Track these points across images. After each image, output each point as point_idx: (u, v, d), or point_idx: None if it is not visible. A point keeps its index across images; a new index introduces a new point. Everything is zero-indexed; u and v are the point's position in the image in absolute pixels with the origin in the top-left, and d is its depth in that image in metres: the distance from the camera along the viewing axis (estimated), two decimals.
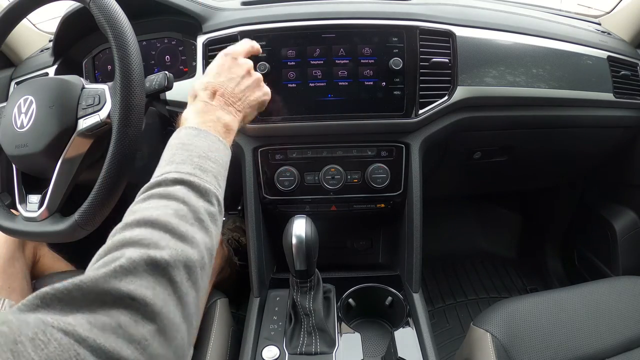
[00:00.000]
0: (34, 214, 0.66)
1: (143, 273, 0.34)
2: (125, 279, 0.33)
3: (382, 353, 0.73)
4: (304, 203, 0.87)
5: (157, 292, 0.34)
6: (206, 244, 0.42)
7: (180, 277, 0.37)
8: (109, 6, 0.59)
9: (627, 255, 1.14)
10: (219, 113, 0.55)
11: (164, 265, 0.36)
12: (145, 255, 0.35)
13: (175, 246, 0.38)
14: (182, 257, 0.38)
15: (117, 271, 0.33)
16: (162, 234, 0.39)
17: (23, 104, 0.66)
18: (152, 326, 0.33)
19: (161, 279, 0.35)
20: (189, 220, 0.42)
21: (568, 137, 1.02)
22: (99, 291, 0.32)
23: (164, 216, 0.40)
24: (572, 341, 0.71)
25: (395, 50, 0.78)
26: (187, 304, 0.37)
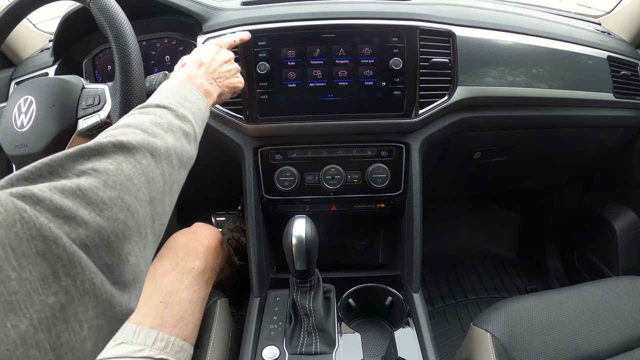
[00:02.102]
0: None
1: (110, 152, 0.36)
2: (92, 157, 0.35)
3: (382, 353, 0.73)
4: (304, 203, 0.87)
5: (121, 168, 0.35)
6: (175, 147, 0.44)
7: (146, 161, 0.38)
8: (109, 6, 0.59)
9: (627, 255, 1.14)
10: (202, 80, 0.61)
11: (130, 147, 0.37)
12: (113, 139, 0.37)
13: (143, 137, 0.40)
14: (148, 144, 0.40)
15: (84, 151, 0.35)
16: (134, 130, 0.41)
17: (23, 104, 0.66)
18: (113, 193, 0.33)
19: (128, 158, 0.37)
20: (162, 127, 0.44)
21: (568, 137, 1.02)
22: (66, 167, 0.33)
23: (140, 121, 0.43)
24: (572, 341, 0.71)
25: (395, 50, 0.78)
26: (153, 187, 0.38)
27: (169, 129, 0.45)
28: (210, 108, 0.60)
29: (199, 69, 0.61)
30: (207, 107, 0.59)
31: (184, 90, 0.55)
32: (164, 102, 0.50)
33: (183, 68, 0.62)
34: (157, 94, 0.53)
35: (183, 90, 0.55)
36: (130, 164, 0.36)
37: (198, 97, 0.56)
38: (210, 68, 0.63)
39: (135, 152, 0.38)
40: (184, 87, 0.56)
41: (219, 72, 0.64)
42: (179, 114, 0.49)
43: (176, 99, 0.52)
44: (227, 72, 0.66)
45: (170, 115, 0.48)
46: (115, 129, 0.41)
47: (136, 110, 0.48)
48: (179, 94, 0.53)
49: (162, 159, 0.41)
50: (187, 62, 0.63)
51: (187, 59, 0.63)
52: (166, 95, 0.52)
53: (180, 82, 0.57)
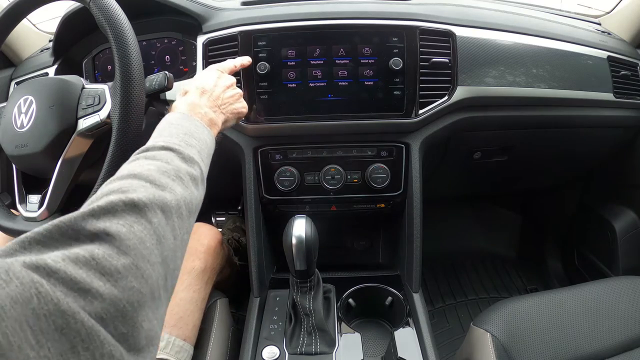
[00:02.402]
0: (34, 214, 0.66)
1: (121, 212, 0.35)
2: (102, 217, 0.34)
3: (382, 353, 0.73)
4: (304, 203, 0.87)
5: (133, 230, 0.35)
6: (184, 197, 0.43)
7: (157, 219, 0.38)
8: (109, 6, 0.59)
9: (627, 255, 1.14)
10: (206, 109, 0.60)
11: (141, 205, 0.37)
12: (124, 197, 0.36)
13: (153, 192, 0.40)
14: (158, 200, 0.39)
15: (95, 210, 0.34)
16: (142, 183, 0.40)
17: (23, 104, 0.66)
18: (127, 260, 0.33)
19: (139, 218, 0.36)
20: (170, 175, 0.44)
21: (568, 137, 1.02)
22: (77, 228, 0.32)
23: (147, 171, 0.42)
24: (572, 341, 0.71)
25: (395, 50, 0.78)
26: (165, 246, 0.38)
27: (176, 176, 0.44)
28: (215, 138, 0.59)
29: (201, 97, 0.60)
30: (213, 139, 0.58)
31: (188, 125, 0.54)
32: (168, 142, 0.49)
33: (185, 97, 0.60)
34: (161, 130, 0.52)
35: (187, 124, 0.54)
36: (142, 225, 0.36)
37: (203, 130, 0.55)
38: (214, 95, 0.62)
39: (147, 210, 0.37)
40: (188, 120, 0.55)
41: (222, 98, 0.63)
42: (185, 155, 0.48)
43: (181, 137, 0.51)
44: (230, 97, 0.65)
45: (176, 158, 0.47)
46: (122, 180, 0.41)
47: (141, 154, 0.47)
48: (184, 130, 0.52)
49: (173, 214, 0.40)
50: (189, 89, 0.62)
51: (188, 87, 0.62)
52: (170, 132, 0.51)
53: (184, 116, 0.55)
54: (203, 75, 0.65)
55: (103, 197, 0.37)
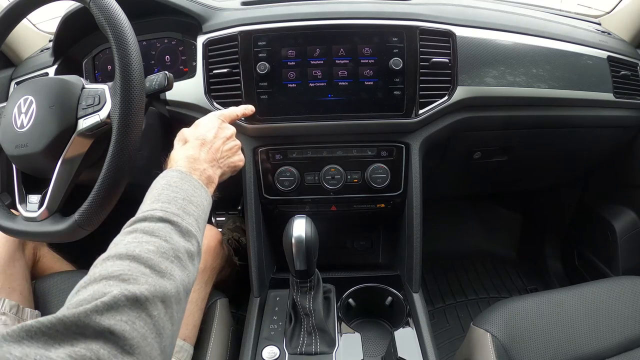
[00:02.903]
0: (34, 214, 0.66)
1: (123, 308, 0.36)
2: (106, 313, 0.35)
3: (382, 353, 0.73)
4: (304, 203, 0.87)
5: (136, 327, 0.36)
6: (183, 281, 0.44)
7: (157, 312, 0.39)
8: (109, 6, 0.59)
9: (627, 255, 1.14)
10: (204, 165, 0.59)
11: (143, 300, 0.37)
12: (126, 291, 0.37)
13: (153, 282, 0.40)
14: (159, 292, 0.39)
15: (99, 306, 0.35)
16: (143, 269, 0.41)
17: (23, 104, 0.66)
18: (131, 359, 0.34)
19: (141, 313, 0.37)
20: (169, 257, 0.44)
21: (568, 137, 1.02)
22: (81, 325, 0.33)
23: (146, 252, 0.42)
24: (572, 341, 0.71)
25: (395, 50, 0.78)
26: (164, 337, 0.39)
27: (175, 256, 0.44)
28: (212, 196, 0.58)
29: (201, 150, 0.60)
30: (210, 200, 0.57)
31: (187, 188, 0.53)
32: (167, 212, 0.48)
33: (184, 148, 0.60)
34: (159, 193, 0.51)
35: (187, 187, 0.53)
36: (143, 321, 0.37)
37: (201, 193, 0.55)
38: (213, 147, 0.61)
39: (148, 305, 0.38)
40: (187, 182, 0.54)
41: (222, 151, 0.63)
42: (183, 229, 0.48)
43: (179, 204, 0.50)
44: (229, 150, 0.65)
45: (174, 233, 0.46)
46: (121, 261, 0.41)
47: (139, 224, 0.46)
48: (182, 195, 0.51)
49: (172, 303, 0.41)
50: (188, 139, 0.61)
51: (188, 135, 0.62)
52: (169, 197, 0.50)
53: (182, 176, 0.54)
54: (203, 125, 0.64)
55: (102, 280, 0.38)
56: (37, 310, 0.80)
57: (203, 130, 0.63)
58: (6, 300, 0.76)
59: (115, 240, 0.45)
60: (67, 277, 0.86)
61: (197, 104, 0.82)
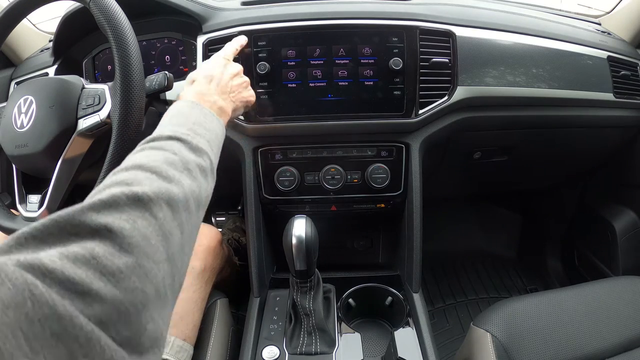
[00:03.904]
0: (34, 214, 0.66)
1: (124, 207, 0.33)
2: (103, 211, 0.32)
3: (382, 353, 0.73)
4: (304, 203, 0.87)
5: (137, 225, 0.33)
6: (193, 190, 0.41)
7: (163, 214, 0.36)
8: (109, 6, 0.59)
9: (627, 255, 1.14)
10: (215, 97, 0.58)
11: (146, 200, 0.35)
12: (127, 190, 0.34)
13: (158, 184, 0.37)
14: (164, 194, 0.37)
15: (96, 204, 0.32)
16: (148, 175, 0.38)
17: (23, 104, 0.66)
18: (130, 258, 0.31)
19: (143, 213, 0.34)
20: (177, 167, 0.42)
21: (568, 137, 1.02)
22: (75, 223, 0.30)
23: (153, 162, 0.40)
24: (572, 341, 0.71)
25: (395, 50, 0.78)
26: (171, 242, 0.36)
27: (184, 167, 0.42)
28: (225, 127, 0.57)
29: (210, 85, 0.59)
30: (223, 128, 0.56)
31: (197, 114, 0.52)
32: (176, 132, 0.46)
33: (193, 85, 0.59)
34: (168, 119, 0.50)
35: (196, 113, 0.52)
36: (147, 221, 0.34)
37: (212, 120, 0.53)
38: (222, 82, 0.60)
39: (152, 205, 0.35)
40: (196, 109, 0.52)
41: (231, 86, 0.62)
42: (193, 145, 0.46)
43: (189, 126, 0.49)
44: (239, 85, 0.64)
45: (184, 149, 0.45)
46: (127, 171, 0.39)
47: (147, 144, 0.45)
48: (192, 120, 0.50)
49: (180, 208, 0.38)
50: (196, 78, 0.60)
51: (196, 75, 0.60)
52: (178, 121, 0.49)
53: (192, 104, 0.53)
54: (209, 63, 0.63)
55: (106, 189, 0.35)
56: None
57: (209, 67, 0.62)
58: None
59: (124, 160, 0.43)
60: None
61: None
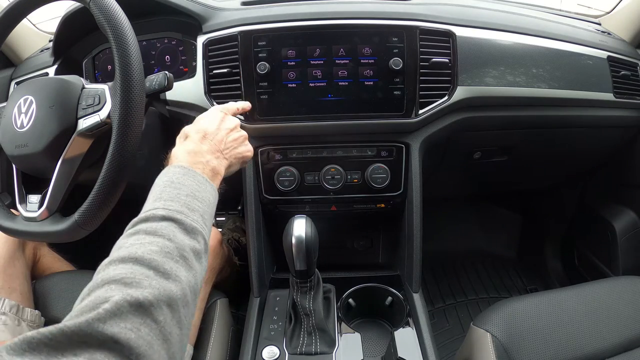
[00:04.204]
0: (34, 214, 0.66)
1: (127, 314, 0.34)
2: (109, 321, 0.33)
3: (382, 353, 0.73)
4: (304, 203, 0.87)
5: (141, 334, 0.34)
6: (189, 282, 0.42)
7: (163, 317, 0.37)
8: (109, 6, 0.59)
9: (627, 255, 1.14)
10: (208, 157, 0.57)
11: (147, 305, 0.36)
12: (129, 297, 0.35)
13: (158, 285, 0.38)
14: (164, 296, 0.37)
15: (101, 314, 0.33)
16: (146, 271, 0.39)
17: (23, 104, 0.66)
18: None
19: (145, 319, 0.35)
20: (173, 257, 0.42)
21: (568, 137, 1.02)
22: (82, 335, 0.31)
23: (149, 253, 0.40)
24: (572, 341, 0.71)
25: (395, 50, 0.78)
26: (172, 342, 0.37)
27: (180, 256, 0.42)
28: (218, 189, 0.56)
29: (203, 143, 0.58)
30: (216, 194, 0.55)
31: (190, 183, 0.51)
32: (169, 210, 0.46)
33: (185, 143, 0.58)
34: (161, 191, 0.49)
35: (189, 183, 0.51)
36: (149, 327, 0.35)
37: (205, 187, 0.52)
38: (216, 139, 0.59)
39: (152, 310, 0.36)
40: (189, 177, 0.51)
41: (225, 142, 0.61)
42: (188, 227, 0.45)
43: (182, 200, 0.48)
44: (234, 141, 0.62)
45: (178, 232, 0.44)
46: (124, 264, 0.39)
47: (141, 225, 0.44)
48: (186, 191, 0.49)
49: (179, 306, 0.39)
50: (189, 134, 0.59)
51: (189, 130, 0.60)
52: (171, 195, 0.48)
53: (184, 171, 0.52)
54: (205, 118, 0.62)
55: (104, 285, 0.36)
56: (37, 310, 0.80)
57: (204, 123, 0.61)
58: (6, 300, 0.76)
59: (117, 244, 0.43)
60: (67, 277, 0.86)
61: (197, 104, 0.82)
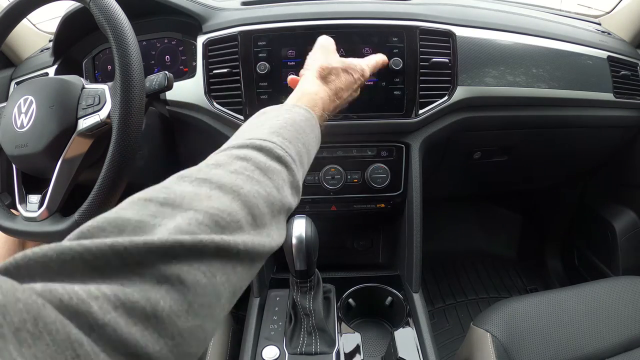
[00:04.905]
0: (34, 214, 0.66)
1: (209, 258, 0.29)
2: (183, 259, 0.27)
3: (382, 353, 0.73)
4: (304, 203, 0.87)
5: (214, 281, 0.29)
6: (278, 243, 0.39)
7: (241, 269, 0.32)
8: (109, 6, 0.59)
9: (627, 255, 1.14)
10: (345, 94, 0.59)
11: (234, 253, 0.31)
12: (219, 239, 0.30)
13: (252, 238, 0.34)
14: (253, 251, 0.33)
15: (177, 251, 0.27)
16: (245, 215, 0.34)
17: (23, 104, 0.66)
18: (196, 322, 0.27)
19: (225, 266, 0.30)
20: (274, 211, 0.38)
21: (568, 137, 1.02)
22: (143, 262, 0.25)
23: (255, 196, 0.35)
24: (572, 341, 0.71)
25: (395, 50, 0.78)
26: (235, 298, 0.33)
27: (279, 211, 0.38)
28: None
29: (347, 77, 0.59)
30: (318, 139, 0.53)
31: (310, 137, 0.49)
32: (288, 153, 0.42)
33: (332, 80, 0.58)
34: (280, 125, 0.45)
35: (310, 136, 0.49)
36: (226, 276, 0.30)
37: (316, 145, 0.51)
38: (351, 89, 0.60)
39: (237, 259, 0.31)
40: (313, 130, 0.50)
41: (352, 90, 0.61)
42: (295, 183, 0.42)
43: (300, 149, 0.45)
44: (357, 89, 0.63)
45: (287, 185, 0.40)
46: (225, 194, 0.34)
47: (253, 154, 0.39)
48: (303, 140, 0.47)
49: (258, 264, 0.36)
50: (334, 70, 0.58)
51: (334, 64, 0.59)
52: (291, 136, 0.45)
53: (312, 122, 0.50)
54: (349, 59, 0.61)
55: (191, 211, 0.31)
56: None
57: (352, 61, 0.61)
58: None
59: (218, 158, 0.38)
60: None
61: (197, 104, 0.81)
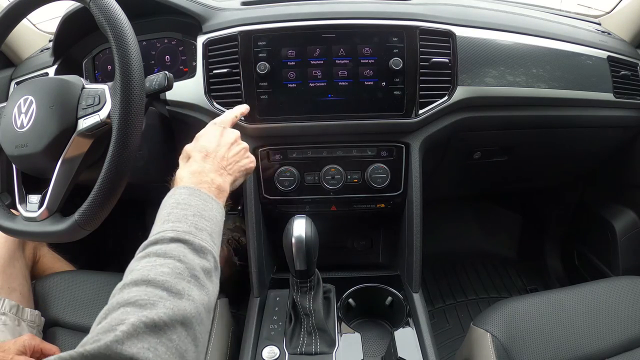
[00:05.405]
0: (34, 214, 0.66)
1: (144, 335, 0.36)
2: (127, 342, 0.34)
3: (382, 353, 0.73)
4: (304, 203, 0.87)
5: (158, 353, 0.35)
6: (202, 301, 0.43)
7: (177, 335, 0.38)
8: (109, 6, 0.59)
9: (627, 255, 1.14)
10: (211, 175, 0.57)
11: (162, 325, 0.37)
12: (144, 317, 0.36)
13: (171, 305, 0.39)
14: (178, 315, 0.39)
15: (118, 336, 0.34)
16: (159, 292, 0.40)
17: (23, 104, 0.66)
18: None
19: (161, 338, 0.37)
20: (185, 277, 0.43)
21: (568, 137, 1.02)
22: (103, 357, 0.33)
23: (161, 275, 0.41)
24: (572, 341, 0.71)
25: (395, 50, 0.78)
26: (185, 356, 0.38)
27: (191, 276, 0.43)
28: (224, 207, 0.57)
29: (205, 162, 0.58)
30: (222, 211, 0.56)
31: (196, 203, 0.51)
32: (178, 231, 0.47)
33: (188, 164, 0.58)
34: (168, 213, 0.50)
35: (195, 202, 0.52)
36: (165, 347, 0.36)
37: (212, 206, 0.53)
38: (218, 156, 0.60)
39: (167, 329, 0.37)
40: (195, 197, 0.52)
41: (228, 158, 0.61)
42: (197, 246, 0.47)
43: (190, 220, 0.49)
44: (236, 155, 0.63)
45: (188, 252, 0.45)
46: (137, 287, 0.40)
47: (151, 248, 0.45)
48: (193, 211, 0.50)
49: (193, 324, 0.40)
50: (191, 154, 0.60)
51: (190, 150, 0.60)
52: (178, 216, 0.49)
53: (190, 191, 0.53)
54: (205, 136, 0.62)
55: (120, 307, 0.38)
56: (37, 311, 0.80)
57: (204, 141, 0.61)
58: (6, 300, 0.76)
59: (129, 267, 0.44)
60: (67, 277, 0.86)
61: (197, 104, 0.82)
